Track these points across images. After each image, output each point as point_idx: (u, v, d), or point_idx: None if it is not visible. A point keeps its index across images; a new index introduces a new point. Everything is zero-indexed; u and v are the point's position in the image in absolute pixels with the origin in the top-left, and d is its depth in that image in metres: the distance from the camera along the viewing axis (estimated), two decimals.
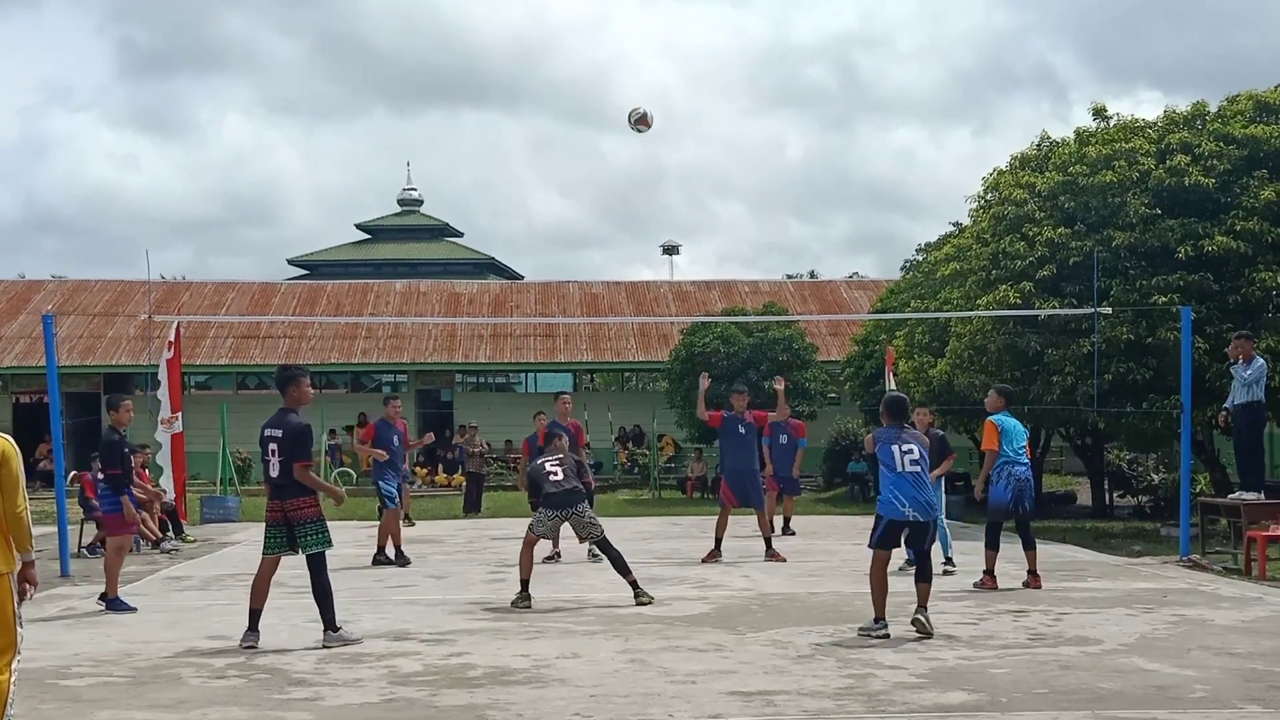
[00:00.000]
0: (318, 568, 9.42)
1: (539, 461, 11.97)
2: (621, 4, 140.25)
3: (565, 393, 18.41)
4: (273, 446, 9.46)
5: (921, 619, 9.40)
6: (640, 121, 15.10)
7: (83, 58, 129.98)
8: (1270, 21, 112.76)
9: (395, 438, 15.35)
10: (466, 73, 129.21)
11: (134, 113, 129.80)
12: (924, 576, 9.73)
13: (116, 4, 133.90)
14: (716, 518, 15.20)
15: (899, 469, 9.53)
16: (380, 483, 15.24)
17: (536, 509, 11.85)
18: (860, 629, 9.62)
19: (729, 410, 15.27)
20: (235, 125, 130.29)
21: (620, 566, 11.51)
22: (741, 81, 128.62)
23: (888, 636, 9.33)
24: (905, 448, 9.56)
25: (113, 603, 11.40)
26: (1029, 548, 12.30)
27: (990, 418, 12.42)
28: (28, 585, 6.07)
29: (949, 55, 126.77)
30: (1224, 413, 14.61)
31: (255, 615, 9.47)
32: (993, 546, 12.26)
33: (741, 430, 14.98)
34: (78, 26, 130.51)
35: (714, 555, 14.79)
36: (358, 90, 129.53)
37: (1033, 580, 12.16)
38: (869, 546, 9.75)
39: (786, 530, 17.98)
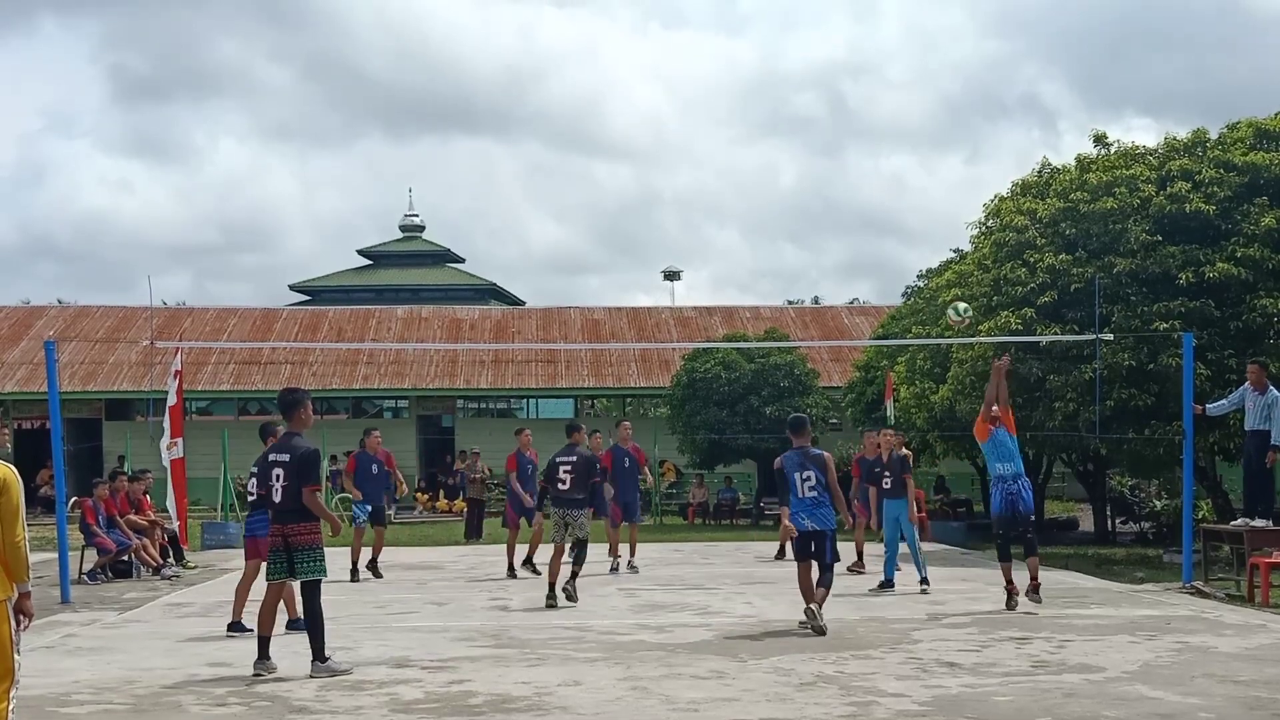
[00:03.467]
0: (311, 595, 9.41)
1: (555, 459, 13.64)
2: (611, 33, 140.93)
3: (626, 420, 19.45)
4: (278, 471, 9.42)
5: (812, 609, 10.90)
6: None
7: (76, 85, 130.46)
8: (1257, 50, 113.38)
9: (375, 466, 16.76)
10: (459, 100, 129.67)
11: (129, 139, 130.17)
12: (825, 584, 11.24)
13: (108, 31, 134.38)
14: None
15: (800, 495, 11.13)
16: (355, 505, 17.08)
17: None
18: (801, 624, 11.01)
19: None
20: (230, 151, 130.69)
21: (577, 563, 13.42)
22: (732, 109, 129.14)
23: (821, 631, 10.76)
24: (805, 475, 11.14)
25: (235, 626, 11.31)
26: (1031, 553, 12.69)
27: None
28: (23, 616, 6.06)
29: (938, 84, 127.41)
30: (1199, 407, 14.66)
31: (264, 643, 9.44)
32: (1005, 559, 12.74)
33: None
34: (70, 54, 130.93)
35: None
36: (352, 117, 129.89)
37: (1033, 585, 12.46)
38: (796, 559, 11.39)
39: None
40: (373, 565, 16.40)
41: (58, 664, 9.88)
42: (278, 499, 9.45)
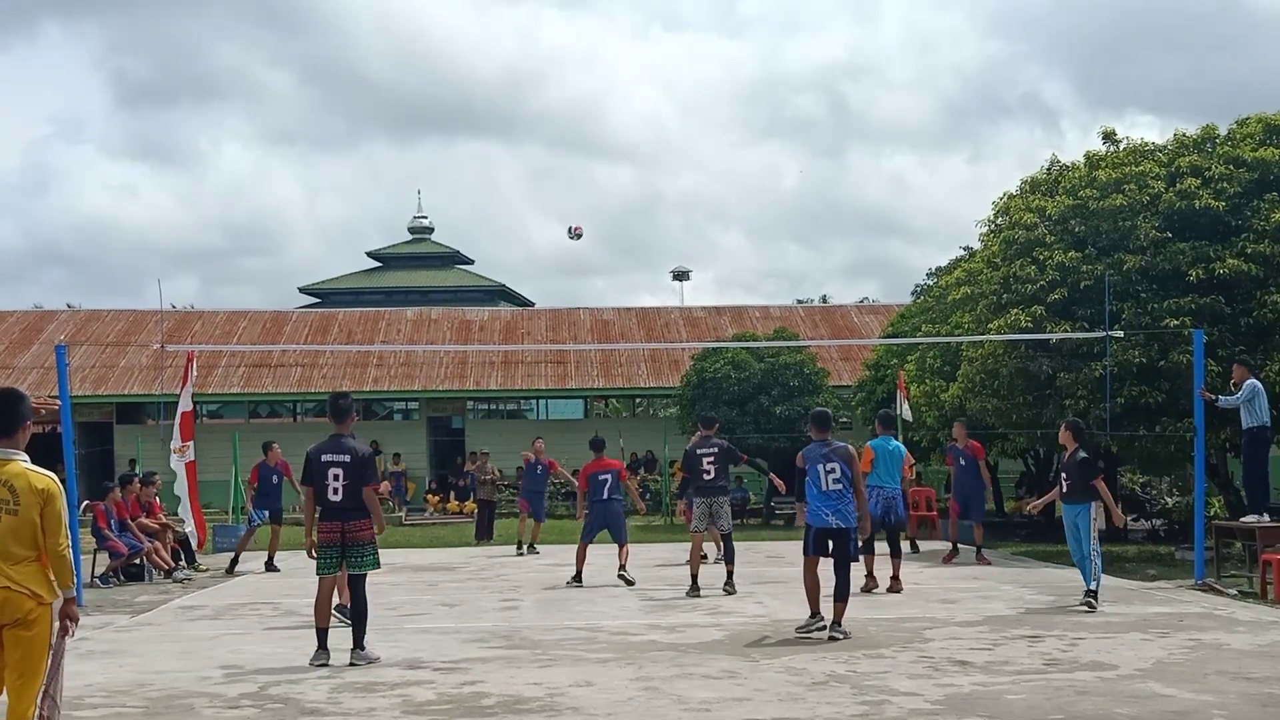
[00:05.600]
0: (359, 587, 9.92)
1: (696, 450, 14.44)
2: (612, 35, 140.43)
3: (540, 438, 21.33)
4: (336, 471, 9.84)
5: (836, 635, 10.58)
6: None
7: (80, 91, 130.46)
8: (1257, 48, 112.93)
9: (275, 476, 18.56)
10: (461, 103, 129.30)
11: (133, 144, 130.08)
12: (841, 596, 10.78)
13: (111, 36, 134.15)
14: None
15: (824, 488, 10.87)
16: (254, 510, 18.73)
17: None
18: (798, 629, 10.86)
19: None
20: (234, 155, 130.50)
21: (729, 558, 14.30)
22: (734, 111, 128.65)
23: (824, 628, 10.67)
24: (829, 467, 10.87)
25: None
26: (895, 555, 14.27)
27: (869, 444, 14.83)
28: (69, 622, 6.09)
29: (939, 84, 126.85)
30: (1210, 394, 14.59)
31: (323, 634, 9.83)
32: (869, 550, 13.87)
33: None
34: (74, 60, 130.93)
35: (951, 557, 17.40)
36: (355, 121, 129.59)
37: (895, 585, 13.90)
38: (805, 554, 11.07)
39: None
40: (269, 562, 18.15)
41: (70, 668, 9.84)
42: (338, 498, 9.83)
